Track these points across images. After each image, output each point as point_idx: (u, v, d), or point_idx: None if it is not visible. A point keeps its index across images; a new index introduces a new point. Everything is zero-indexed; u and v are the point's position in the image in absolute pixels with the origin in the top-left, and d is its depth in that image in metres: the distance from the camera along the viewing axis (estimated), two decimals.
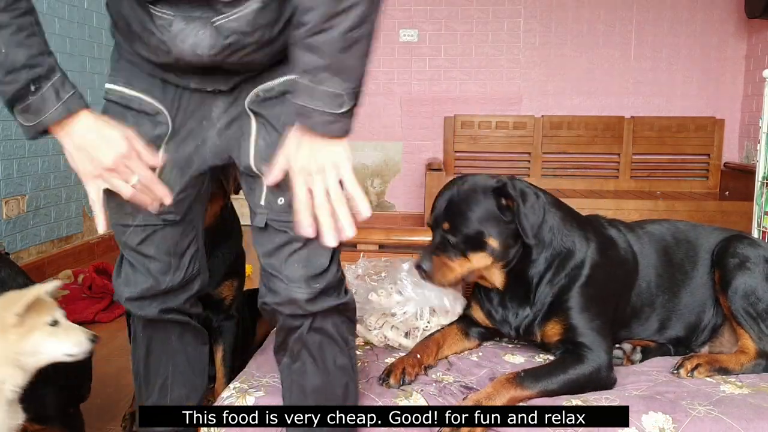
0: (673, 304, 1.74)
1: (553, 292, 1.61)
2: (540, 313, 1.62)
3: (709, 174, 5.47)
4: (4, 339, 1.31)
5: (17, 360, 1.32)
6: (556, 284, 1.61)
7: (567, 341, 1.58)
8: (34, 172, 3.84)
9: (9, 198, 3.61)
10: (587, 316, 1.58)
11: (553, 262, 1.61)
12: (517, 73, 5.62)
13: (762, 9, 4.82)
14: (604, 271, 1.63)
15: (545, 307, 1.62)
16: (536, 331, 1.64)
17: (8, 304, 1.32)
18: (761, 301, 1.63)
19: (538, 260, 1.61)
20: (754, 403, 1.41)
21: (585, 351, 1.53)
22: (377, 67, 5.65)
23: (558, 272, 1.61)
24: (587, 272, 1.61)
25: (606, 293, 1.64)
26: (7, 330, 1.31)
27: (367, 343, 1.77)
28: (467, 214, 1.57)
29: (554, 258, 1.61)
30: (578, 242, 1.64)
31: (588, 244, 1.64)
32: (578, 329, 1.57)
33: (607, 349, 1.55)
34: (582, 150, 5.52)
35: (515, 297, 1.65)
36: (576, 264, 1.62)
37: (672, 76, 5.55)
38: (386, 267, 1.88)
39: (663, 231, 1.81)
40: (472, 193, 1.59)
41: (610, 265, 1.66)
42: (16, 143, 3.67)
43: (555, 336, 1.61)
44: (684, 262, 1.76)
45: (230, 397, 1.45)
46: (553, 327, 1.61)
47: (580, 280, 1.61)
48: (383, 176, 5.81)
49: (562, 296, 1.60)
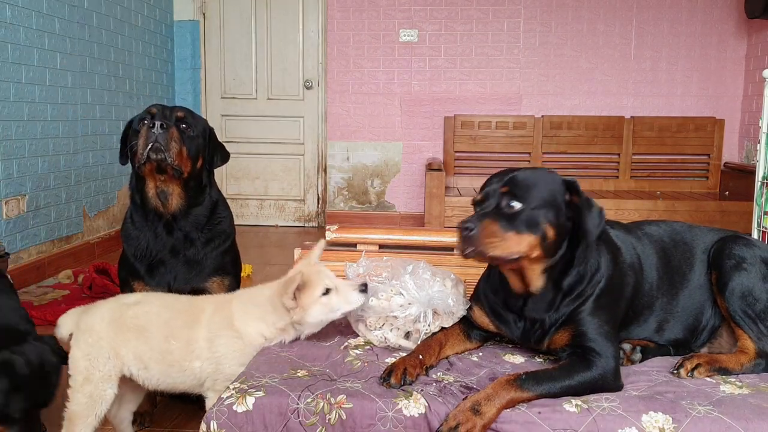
0: (671, 306, 1.73)
1: (575, 306, 1.58)
2: (556, 325, 1.59)
3: (709, 174, 5.47)
4: (288, 317, 1.66)
5: (301, 329, 1.70)
6: (580, 298, 1.57)
7: (575, 345, 1.56)
8: (34, 172, 3.84)
9: (9, 198, 3.61)
10: (598, 322, 1.56)
11: (584, 276, 1.57)
12: (517, 73, 5.62)
13: (762, 9, 4.82)
14: (616, 281, 1.62)
15: (562, 319, 1.58)
16: (545, 340, 1.61)
17: (282, 290, 1.63)
18: (759, 301, 1.63)
19: (572, 272, 1.57)
20: (754, 403, 1.41)
21: (593, 356, 1.51)
22: (377, 67, 5.65)
23: (586, 286, 1.57)
24: (603, 285, 1.59)
25: (617, 301, 1.63)
26: (289, 312, 1.65)
27: (368, 343, 1.77)
28: (534, 187, 1.48)
29: (586, 272, 1.57)
30: (603, 258, 1.61)
31: (606, 256, 1.62)
32: (587, 334, 1.55)
33: (615, 355, 1.53)
34: (582, 150, 5.53)
35: (540, 305, 1.60)
36: (599, 278, 1.59)
37: (672, 76, 5.55)
38: (387, 267, 1.88)
39: (660, 232, 1.79)
40: (542, 174, 1.54)
41: (621, 273, 1.64)
42: (16, 143, 3.67)
43: (563, 342, 1.59)
44: (681, 264, 1.75)
45: (230, 397, 1.45)
46: (563, 335, 1.58)
47: (596, 292, 1.58)
48: (383, 176, 5.81)
49: (578, 308, 1.58)
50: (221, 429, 1.42)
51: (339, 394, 1.44)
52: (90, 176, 4.48)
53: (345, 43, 5.65)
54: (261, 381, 1.51)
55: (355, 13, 5.62)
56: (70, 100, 4.19)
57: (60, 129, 4.10)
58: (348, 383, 1.50)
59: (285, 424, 1.42)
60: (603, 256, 1.61)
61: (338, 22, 5.64)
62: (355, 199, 5.86)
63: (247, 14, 5.88)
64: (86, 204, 4.44)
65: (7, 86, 3.59)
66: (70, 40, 4.18)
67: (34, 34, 3.80)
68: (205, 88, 5.97)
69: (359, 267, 1.87)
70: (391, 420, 1.40)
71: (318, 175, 6.02)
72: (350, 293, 1.67)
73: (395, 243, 2.21)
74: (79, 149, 4.32)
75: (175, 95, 5.93)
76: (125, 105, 4.94)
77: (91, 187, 4.50)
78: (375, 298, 1.74)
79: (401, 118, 5.72)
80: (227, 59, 5.94)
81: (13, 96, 3.65)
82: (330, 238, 2.22)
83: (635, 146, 5.47)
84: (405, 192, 5.82)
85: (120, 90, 4.87)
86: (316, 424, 1.41)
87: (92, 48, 4.46)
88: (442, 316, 1.76)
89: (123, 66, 4.91)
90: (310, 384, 1.48)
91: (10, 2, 3.59)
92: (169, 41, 5.82)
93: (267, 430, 1.42)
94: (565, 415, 1.38)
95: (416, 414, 1.40)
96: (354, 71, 5.68)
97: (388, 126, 5.74)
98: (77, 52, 4.26)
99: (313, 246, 1.88)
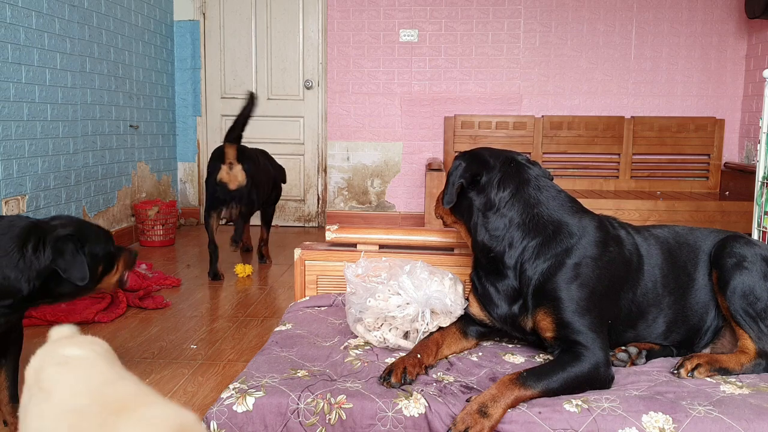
0: (678, 305, 1.73)
1: (539, 271, 1.60)
2: (528, 294, 1.61)
3: (709, 174, 5.47)
4: None
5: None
6: (539, 260, 1.60)
7: (562, 339, 1.57)
8: (34, 172, 3.84)
9: (9, 198, 3.61)
10: (579, 311, 1.56)
11: (528, 241, 1.62)
12: (517, 73, 5.62)
13: (762, 9, 4.81)
14: (599, 266, 1.61)
15: (531, 287, 1.60)
16: (528, 316, 1.63)
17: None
18: (759, 300, 1.63)
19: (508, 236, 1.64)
20: (754, 404, 1.41)
21: (581, 350, 1.52)
22: (377, 67, 5.65)
23: (539, 255, 1.60)
24: (575, 261, 1.59)
25: (601, 288, 1.62)
26: None
27: (367, 343, 1.77)
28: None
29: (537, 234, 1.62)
30: (576, 232, 1.62)
31: (584, 236, 1.62)
32: (572, 326, 1.55)
33: (603, 346, 1.55)
34: (582, 150, 5.52)
35: (491, 273, 1.68)
36: (563, 250, 1.60)
37: (672, 76, 5.55)
38: (386, 267, 1.88)
39: (666, 234, 1.81)
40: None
41: (609, 261, 1.64)
42: (16, 143, 3.67)
43: (548, 331, 1.59)
44: (686, 265, 1.76)
45: (230, 397, 1.45)
46: (544, 318, 1.59)
47: (566, 268, 1.59)
48: (383, 176, 5.81)
49: (548, 280, 1.59)
50: (221, 429, 1.42)
51: (339, 394, 1.44)
52: (90, 176, 4.48)
53: (345, 43, 5.65)
54: (261, 381, 1.51)
55: (355, 13, 5.62)
56: (70, 100, 4.19)
57: (60, 129, 4.10)
58: (348, 383, 1.50)
59: (285, 424, 1.42)
60: (587, 237, 1.63)
61: (338, 22, 5.64)
62: (355, 199, 5.87)
63: (247, 14, 5.88)
64: (86, 204, 4.44)
65: (7, 86, 3.59)
66: (70, 40, 4.18)
67: (34, 34, 3.80)
68: (205, 88, 5.97)
69: (358, 268, 1.87)
70: (391, 420, 1.40)
71: (318, 175, 6.02)
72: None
73: (395, 243, 2.21)
74: (79, 149, 4.32)
75: (175, 95, 5.93)
76: (125, 105, 4.94)
77: (91, 187, 4.50)
78: (373, 298, 1.75)
79: (401, 118, 5.72)
80: (227, 59, 5.94)
81: (13, 96, 3.65)
82: (330, 238, 2.22)
83: (635, 146, 5.47)
84: (405, 192, 5.82)
85: (120, 90, 4.87)
86: (316, 424, 1.41)
87: (92, 48, 4.46)
88: (441, 316, 1.76)
89: (123, 66, 4.91)
90: (310, 384, 1.48)
91: (10, 2, 3.59)
92: (169, 41, 5.82)
93: (267, 430, 1.42)
94: (565, 415, 1.38)
95: (416, 414, 1.40)
96: (354, 71, 5.68)
97: (388, 126, 5.74)
98: (77, 52, 4.26)
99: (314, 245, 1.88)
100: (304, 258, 2.21)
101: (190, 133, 5.99)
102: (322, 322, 1.97)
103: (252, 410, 1.42)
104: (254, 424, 1.42)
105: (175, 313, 3.34)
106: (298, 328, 1.91)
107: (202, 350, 2.81)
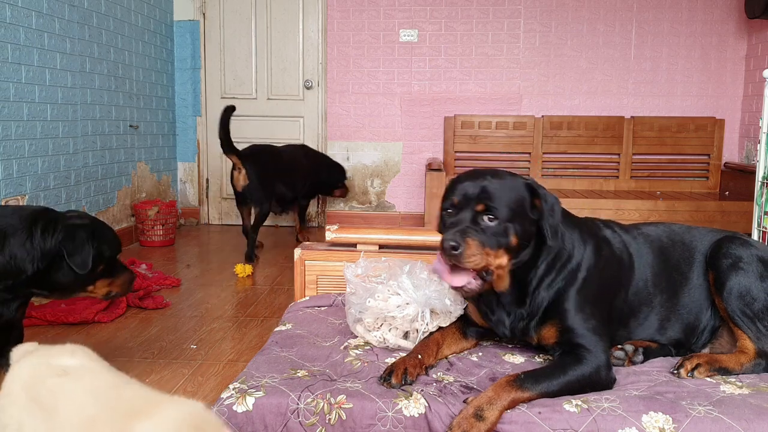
0: (671, 304, 1.73)
1: (550, 296, 1.61)
2: (536, 316, 1.62)
3: (709, 174, 5.47)
4: None
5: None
6: (553, 287, 1.61)
7: (564, 343, 1.58)
8: (34, 172, 3.84)
9: (9, 198, 3.61)
10: (582, 316, 1.58)
11: (553, 266, 1.61)
12: (517, 73, 5.62)
13: (762, 9, 4.81)
14: (599, 272, 1.63)
15: (541, 310, 1.61)
16: (532, 334, 1.64)
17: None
18: (757, 300, 1.63)
19: (540, 264, 1.60)
20: (754, 404, 1.41)
21: (583, 352, 1.53)
22: (377, 67, 5.65)
23: (556, 276, 1.61)
24: (583, 275, 1.61)
25: (601, 293, 1.64)
26: None
27: (367, 343, 1.77)
28: (504, 199, 1.51)
29: (555, 261, 1.61)
30: (577, 245, 1.64)
31: (584, 246, 1.64)
32: (575, 330, 1.57)
33: (605, 349, 1.55)
34: (582, 150, 5.52)
35: (511, 299, 1.63)
36: (573, 267, 1.61)
37: (672, 76, 5.55)
38: (386, 267, 1.88)
39: (658, 232, 1.81)
40: (509, 183, 1.56)
41: (605, 265, 1.66)
42: (16, 143, 3.67)
43: (551, 338, 1.61)
44: (680, 263, 1.76)
45: (230, 397, 1.45)
46: (550, 330, 1.60)
47: (577, 283, 1.60)
48: (383, 176, 5.81)
49: (558, 299, 1.60)
50: None
51: (339, 394, 1.44)
52: (90, 176, 4.48)
53: (345, 43, 5.65)
54: (261, 381, 1.51)
55: (355, 13, 5.62)
56: (70, 100, 4.18)
57: (60, 129, 4.10)
58: (348, 383, 1.50)
59: (285, 424, 1.42)
60: (587, 247, 1.64)
61: (338, 22, 5.64)
62: (355, 199, 5.87)
63: (247, 14, 5.88)
64: (86, 204, 4.44)
65: (7, 86, 3.59)
66: (70, 40, 4.18)
67: (34, 34, 3.80)
68: (205, 88, 5.97)
69: (358, 268, 1.87)
70: (391, 420, 1.40)
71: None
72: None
73: (395, 243, 2.21)
74: (79, 149, 4.32)
75: (175, 95, 5.93)
76: (125, 105, 4.94)
77: (90, 187, 4.50)
78: (372, 298, 1.75)
79: (401, 118, 5.72)
80: (227, 59, 5.93)
81: (13, 96, 3.65)
82: (330, 238, 2.22)
83: (635, 146, 5.47)
84: (405, 192, 5.82)
85: (120, 90, 4.86)
86: (316, 424, 1.41)
87: (92, 48, 4.46)
88: (440, 316, 1.76)
89: (123, 66, 4.91)
90: (310, 384, 1.48)
91: (10, 2, 3.59)
92: (169, 41, 5.82)
93: (267, 430, 1.42)
94: (565, 415, 1.38)
95: (416, 414, 1.40)
96: (354, 71, 5.68)
97: (388, 126, 5.74)
98: (77, 52, 4.26)
99: (314, 245, 1.88)
100: (304, 258, 2.21)
101: (190, 133, 5.99)
102: (322, 322, 1.97)
103: (252, 410, 1.42)
104: (254, 424, 1.42)
105: (175, 313, 3.34)
106: (298, 328, 1.91)
107: (202, 350, 2.81)
